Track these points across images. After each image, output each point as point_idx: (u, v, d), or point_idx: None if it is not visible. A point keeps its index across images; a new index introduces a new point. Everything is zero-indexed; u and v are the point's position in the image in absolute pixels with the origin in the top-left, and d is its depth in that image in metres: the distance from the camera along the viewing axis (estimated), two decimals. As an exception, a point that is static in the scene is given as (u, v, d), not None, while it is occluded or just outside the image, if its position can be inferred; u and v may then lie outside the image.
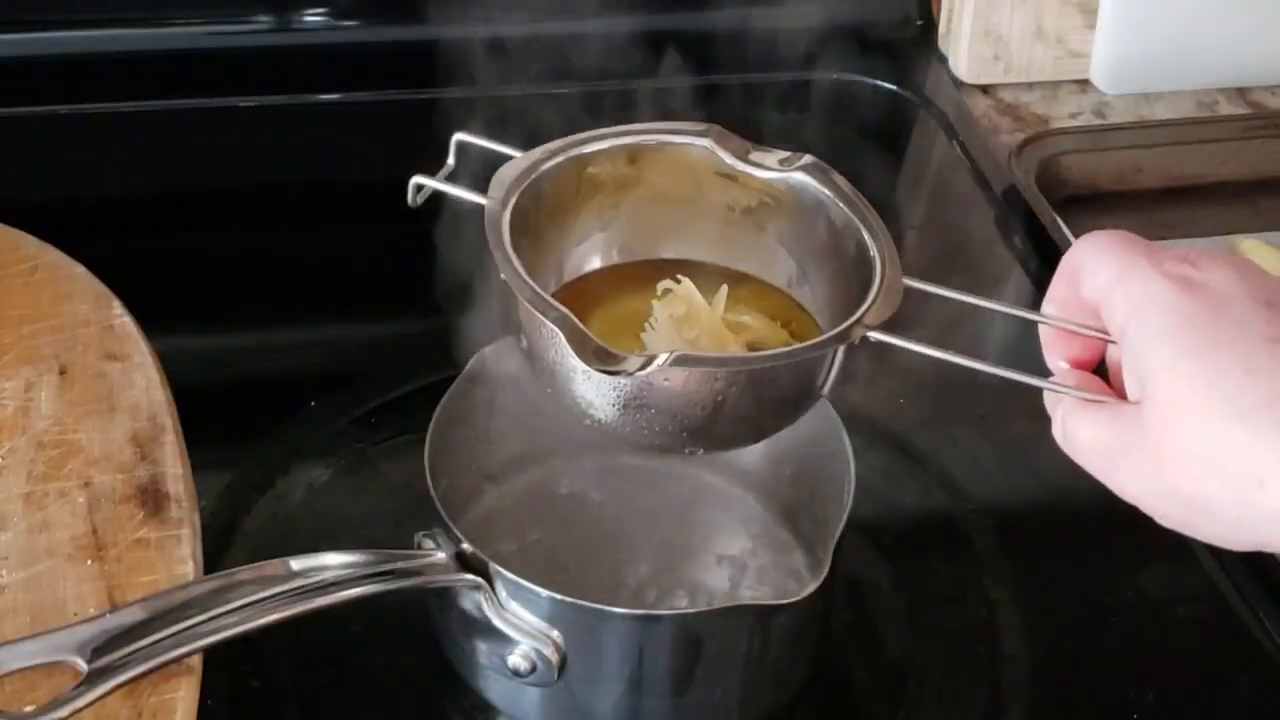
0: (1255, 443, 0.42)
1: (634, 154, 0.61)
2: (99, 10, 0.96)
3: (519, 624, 0.57)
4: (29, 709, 0.50)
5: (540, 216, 0.60)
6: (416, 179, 0.58)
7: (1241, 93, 1.08)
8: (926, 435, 0.77)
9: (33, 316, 0.70)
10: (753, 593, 0.66)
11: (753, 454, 0.69)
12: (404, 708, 0.63)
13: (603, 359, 0.51)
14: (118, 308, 0.71)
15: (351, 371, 0.77)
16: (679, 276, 0.61)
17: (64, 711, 0.50)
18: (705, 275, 0.62)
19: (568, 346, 0.51)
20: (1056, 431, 0.49)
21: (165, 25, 0.98)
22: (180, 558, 0.60)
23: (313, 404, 0.75)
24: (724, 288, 0.61)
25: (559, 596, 0.55)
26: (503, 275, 0.54)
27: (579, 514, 0.69)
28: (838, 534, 0.59)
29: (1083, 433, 0.48)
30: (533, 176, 0.58)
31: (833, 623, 0.66)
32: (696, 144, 0.60)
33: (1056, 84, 1.07)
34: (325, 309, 0.85)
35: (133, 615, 0.53)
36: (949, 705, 0.64)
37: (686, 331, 0.60)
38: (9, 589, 0.58)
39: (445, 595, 0.59)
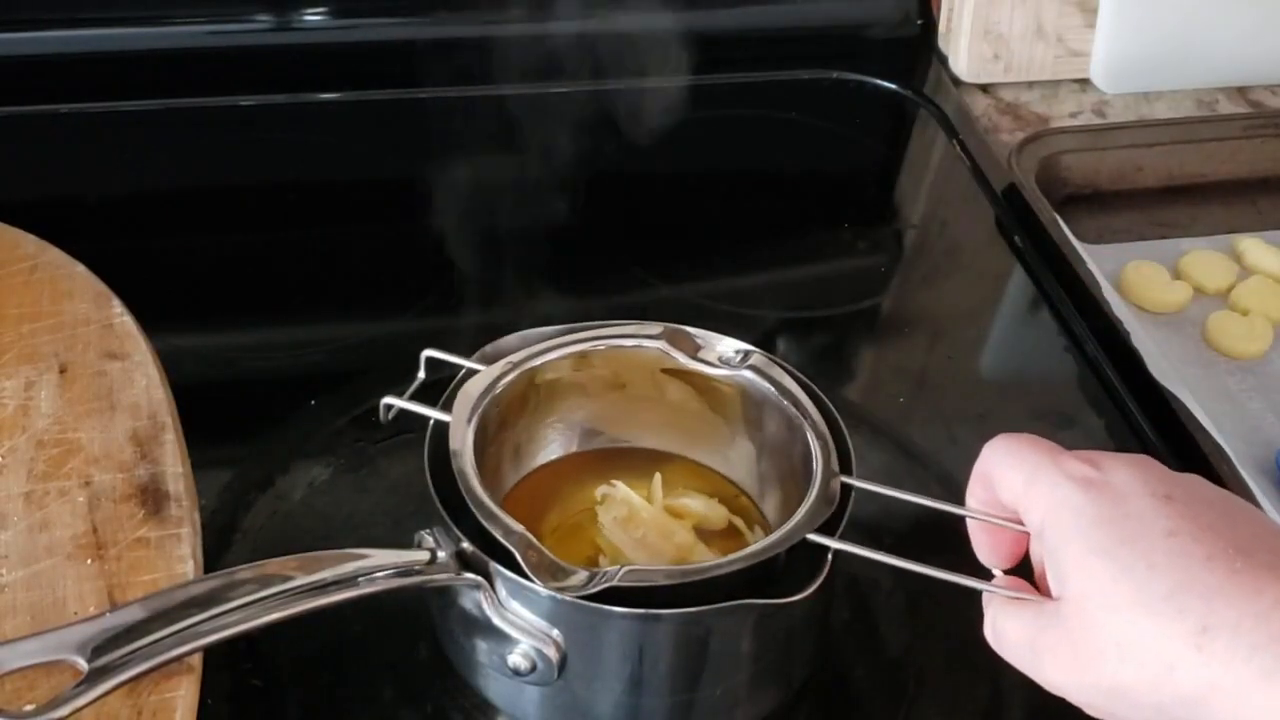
0: (1160, 632, 0.44)
1: (591, 358, 0.66)
2: (99, 10, 0.97)
3: (519, 623, 0.57)
4: (29, 708, 0.50)
5: (502, 426, 0.64)
6: (386, 400, 0.61)
7: (1241, 92, 1.08)
8: (926, 435, 0.77)
9: (33, 315, 0.70)
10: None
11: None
12: (404, 708, 0.62)
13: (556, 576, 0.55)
14: (118, 306, 0.71)
15: (351, 371, 0.77)
16: (614, 481, 0.66)
17: (64, 710, 0.49)
18: (657, 462, 0.67)
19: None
20: (987, 629, 0.51)
21: (165, 25, 0.98)
22: (180, 557, 0.60)
23: (313, 403, 0.75)
24: (657, 476, 0.66)
25: (559, 595, 0.55)
26: (465, 495, 0.57)
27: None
28: (838, 533, 0.59)
29: (1009, 630, 0.50)
30: (495, 392, 0.62)
31: (833, 623, 0.66)
32: (649, 345, 0.65)
33: (1056, 83, 1.08)
34: (325, 309, 0.85)
35: (133, 614, 0.52)
36: (949, 705, 0.64)
37: (633, 531, 0.64)
38: (9, 588, 0.58)
39: (445, 594, 0.59)
